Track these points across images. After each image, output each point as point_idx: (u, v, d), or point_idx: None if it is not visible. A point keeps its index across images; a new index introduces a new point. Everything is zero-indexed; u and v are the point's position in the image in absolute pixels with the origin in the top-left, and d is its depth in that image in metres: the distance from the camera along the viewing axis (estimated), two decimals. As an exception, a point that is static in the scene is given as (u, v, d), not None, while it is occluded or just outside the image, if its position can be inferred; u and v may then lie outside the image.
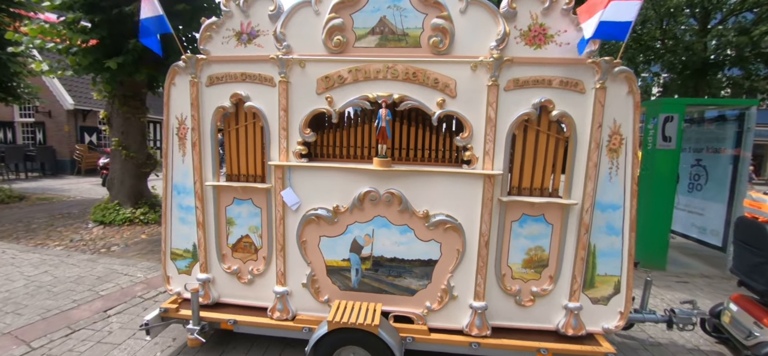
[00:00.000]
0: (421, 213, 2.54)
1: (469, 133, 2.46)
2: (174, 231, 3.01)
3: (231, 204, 2.86)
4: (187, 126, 2.82)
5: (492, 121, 2.42)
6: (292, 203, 2.63)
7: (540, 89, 2.41)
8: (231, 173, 2.89)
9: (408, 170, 2.50)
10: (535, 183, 2.58)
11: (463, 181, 2.50)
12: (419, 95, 2.48)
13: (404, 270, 2.64)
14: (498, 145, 2.46)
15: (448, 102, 2.46)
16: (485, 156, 2.46)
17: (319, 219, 2.63)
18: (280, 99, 2.60)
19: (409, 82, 2.47)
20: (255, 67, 2.65)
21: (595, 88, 2.36)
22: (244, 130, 2.81)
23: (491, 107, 2.40)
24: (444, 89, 2.45)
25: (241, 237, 2.88)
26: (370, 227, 2.61)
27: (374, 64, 2.48)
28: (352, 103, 2.54)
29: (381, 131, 2.44)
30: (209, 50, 2.71)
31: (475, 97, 2.44)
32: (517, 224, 2.57)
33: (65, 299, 3.86)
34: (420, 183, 2.53)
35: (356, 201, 2.56)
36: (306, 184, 2.65)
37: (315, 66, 2.56)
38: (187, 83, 2.75)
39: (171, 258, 3.06)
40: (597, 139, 2.40)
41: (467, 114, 2.46)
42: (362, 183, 2.57)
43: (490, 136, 2.44)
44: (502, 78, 2.40)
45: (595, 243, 2.58)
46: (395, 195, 2.52)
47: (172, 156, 2.91)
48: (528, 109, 2.41)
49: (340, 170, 2.58)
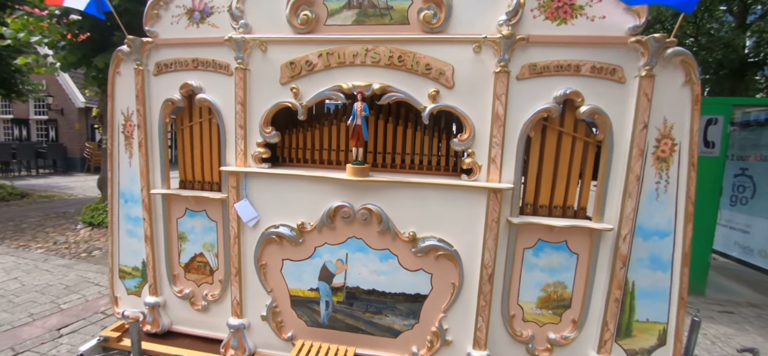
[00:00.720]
0: (406, 236, 2.00)
1: (470, 135, 1.91)
2: (122, 246, 2.57)
3: (183, 217, 2.39)
4: (133, 123, 2.37)
5: (500, 118, 1.85)
6: (248, 218, 2.13)
7: (564, 77, 1.83)
8: (185, 179, 2.43)
9: (390, 181, 1.96)
10: (556, 200, 1.99)
11: (461, 196, 1.95)
12: (406, 85, 1.94)
13: (385, 306, 2.10)
14: (508, 151, 1.90)
15: (443, 94, 1.91)
16: (490, 164, 1.90)
17: (282, 239, 2.13)
18: (237, 90, 2.11)
19: (394, 68, 1.94)
20: (208, 51, 2.18)
21: (640, 76, 1.76)
22: (199, 129, 2.33)
23: (499, 101, 1.84)
24: (438, 77, 1.90)
25: (194, 256, 2.41)
26: (343, 251, 2.09)
27: (350, 46, 1.96)
28: (323, 95, 2.02)
29: (355, 130, 1.92)
30: (157, 32, 2.25)
31: (479, 87, 1.88)
32: (531, 252, 1.99)
33: (23, 312, 3.50)
34: (405, 198, 1.99)
35: (325, 219, 2.04)
36: (266, 195, 2.15)
37: (279, 49, 2.06)
38: (132, 72, 2.30)
39: (119, 276, 2.62)
40: (640, 144, 1.81)
41: (468, 109, 1.90)
42: (333, 195, 2.04)
43: (497, 138, 1.87)
44: (514, 62, 1.83)
45: (635, 281, 1.98)
46: (373, 213, 1.99)
47: (118, 158, 2.47)
48: (548, 104, 1.84)
49: (305, 179, 2.07)
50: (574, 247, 1.97)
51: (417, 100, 1.93)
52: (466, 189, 1.92)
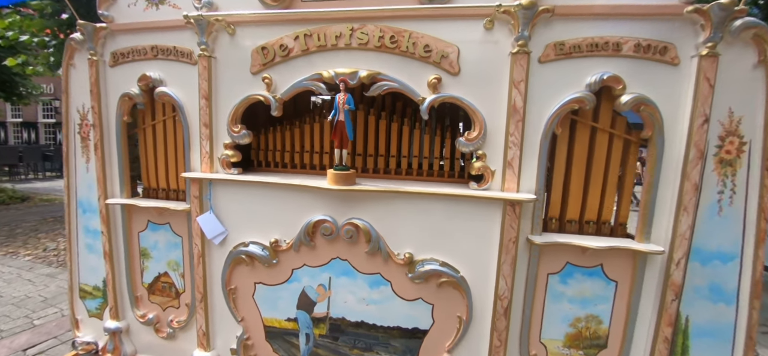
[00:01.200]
0: (401, 258, 1.63)
1: (480, 132, 1.53)
2: (81, 262, 2.26)
3: (145, 230, 2.06)
4: (89, 122, 2.06)
5: (518, 112, 1.47)
6: (213, 234, 1.79)
7: (600, 59, 1.45)
8: (148, 186, 2.10)
9: (380, 190, 1.59)
10: (589, 213, 1.60)
11: (469, 210, 1.57)
12: (401, 72, 1.57)
13: (376, 342, 1.73)
14: (528, 152, 1.51)
15: (446, 82, 1.54)
16: (506, 168, 1.52)
17: (253, 260, 1.77)
18: (201, 82, 1.77)
19: (386, 51, 1.57)
20: (169, 37, 1.85)
21: (699, 55, 1.36)
22: (162, 128, 2.01)
23: (517, 89, 1.46)
24: (440, 61, 1.53)
25: (158, 276, 2.08)
26: (326, 274, 1.73)
27: (332, 26, 1.61)
28: (301, 86, 1.67)
29: (338, 128, 1.56)
30: (112, 16, 1.94)
31: (491, 73, 1.51)
32: (557, 279, 1.60)
33: (-8, 329, 3.23)
34: (400, 212, 1.62)
35: (303, 236, 1.68)
36: (234, 207, 1.80)
37: (249, 32, 1.73)
38: (87, 63, 1.99)
39: (80, 296, 2.31)
40: (700, 144, 1.40)
41: (477, 101, 1.53)
42: (312, 208, 1.69)
43: (514, 136, 1.49)
44: (535, 41, 1.45)
45: (689, 316, 1.57)
46: (360, 229, 1.62)
47: (74, 162, 2.16)
48: (579, 93, 1.45)
49: (279, 188, 1.71)
50: (612, 273, 1.57)
51: (414, 91, 1.56)
52: (476, 200, 1.54)
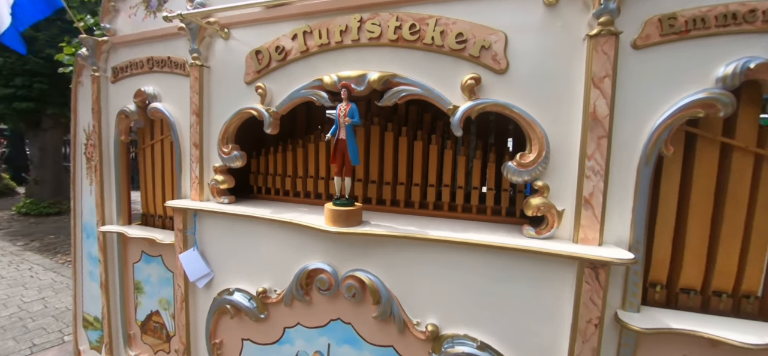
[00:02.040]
0: (421, 331, 1.16)
1: (540, 154, 1.04)
2: (85, 290, 2.12)
3: (139, 262, 1.84)
4: (93, 142, 1.92)
5: (601, 123, 0.97)
6: (196, 275, 1.48)
7: (741, 37, 0.90)
8: (146, 212, 1.90)
9: (393, 234, 1.15)
10: (720, 280, 1.02)
11: (521, 269, 1.06)
12: (424, 71, 1.16)
13: None
14: (617, 183, 1.00)
15: (487, 83, 1.09)
16: (582, 208, 1.01)
17: (238, 312, 1.43)
18: (192, 95, 1.52)
19: (404, 45, 1.17)
20: (163, 47, 1.64)
21: None
22: (160, 148, 1.80)
23: (599, 89, 0.97)
24: (479, 55, 1.09)
25: (150, 314, 1.84)
26: (324, 339, 1.32)
27: (337, 18, 1.25)
28: (299, 96, 1.32)
29: (338, 148, 1.17)
30: (114, 29, 1.79)
31: (555, 67, 1.03)
32: (668, 383, 1.02)
33: (28, 342, 3.32)
34: (421, 265, 1.16)
35: (296, 288, 1.30)
36: (220, 244, 1.49)
37: (244, 34, 1.44)
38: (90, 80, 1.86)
39: (83, 325, 2.17)
40: None
41: (534, 109, 1.05)
42: (308, 251, 1.30)
43: (595, 159, 0.98)
44: (628, 16, 0.96)
45: None
46: (366, 286, 1.19)
47: (80, 184, 2.04)
48: (705, 92, 0.91)
49: (268, 224, 1.36)
50: (770, 382, 0.96)
51: (442, 97, 1.13)
52: (533, 255, 1.04)
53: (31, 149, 9.33)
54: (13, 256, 5.79)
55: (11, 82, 8.12)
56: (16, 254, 5.93)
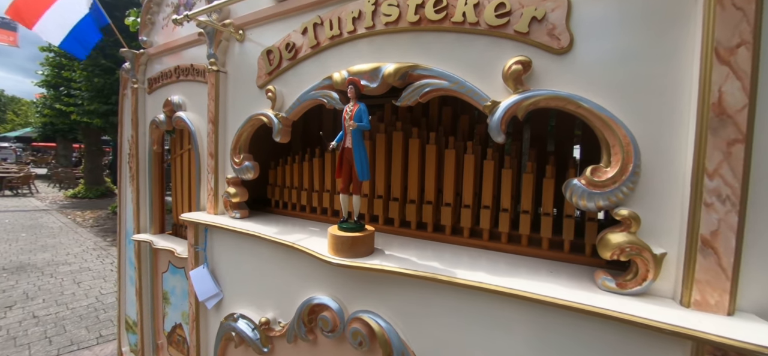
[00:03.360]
0: (447, 402, 0.88)
1: (624, 167, 0.70)
2: (127, 294, 2.20)
3: (166, 271, 1.83)
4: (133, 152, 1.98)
5: (732, 119, 0.61)
6: (205, 295, 1.37)
7: None
8: (176, 223, 1.89)
9: (410, 273, 0.88)
10: None
11: (594, 337, 0.73)
12: (452, 60, 0.89)
13: None
14: (762, 217, 0.62)
15: (541, 68, 0.78)
16: (695, 253, 0.65)
17: (242, 341, 1.27)
18: (209, 102, 1.44)
19: (428, 27, 0.92)
20: (187, 55, 1.60)
21: None
22: (187, 158, 1.77)
23: (726, 66, 0.61)
24: (528, 31, 0.79)
25: (174, 326, 1.81)
26: (330, 389, 1.09)
27: (348, 5, 1.05)
28: (309, 98, 1.14)
29: (343, 159, 0.95)
30: (151, 41, 1.82)
31: (645, 43, 0.69)
32: None
33: (96, 332, 3.67)
34: (445, 315, 0.88)
35: (298, 324, 1.10)
36: (228, 263, 1.36)
37: (257, 34, 1.32)
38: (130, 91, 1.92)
39: (125, 328, 2.25)
40: None
41: (613, 102, 0.72)
42: (311, 281, 1.09)
43: (724, 180, 0.62)
44: (785, -54, 0.59)
45: None
46: (376, 334, 0.93)
47: (125, 192, 2.12)
48: None
49: (273, 246, 1.18)
50: None
51: (477, 90, 0.84)
52: (614, 323, 0.70)
53: (124, 157, 10.84)
54: (101, 250, 6.64)
55: (109, 99, 9.48)
56: (104, 249, 6.79)
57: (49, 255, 6.17)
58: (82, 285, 4.89)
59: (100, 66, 9.19)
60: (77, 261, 5.97)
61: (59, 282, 5.02)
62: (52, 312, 4.06)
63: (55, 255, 6.15)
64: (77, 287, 4.86)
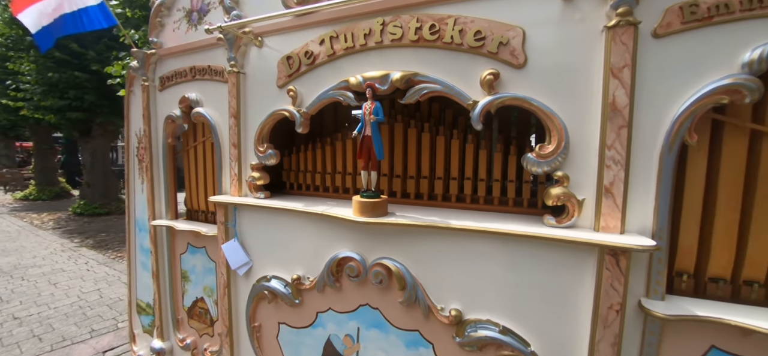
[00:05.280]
0: (445, 316, 1.22)
1: (559, 145, 1.07)
2: (139, 279, 2.35)
3: (185, 253, 2.03)
4: (144, 145, 2.13)
5: (621, 112, 0.99)
6: (237, 264, 1.63)
7: (761, 22, 0.89)
8: (191, 208, 2.08)
9: (418, 224, 1.22)
10: (751, 268, 1.00)
11: (542, 257, 1.10)
12: (444, 69, 1.21)
13: (416, 420, 1.34)
14: (639, 172, 1.01)
15: (506, 78, 1.13)
16: (603, 197, 1.03)
17: (275, 297, 1.56)
18: (230, 99, 1.66)
19: (425, 45, 1.24)
20: (204, 56, 1.80)
21: None
22: (202, 149, 1.97)
23: (618, 80, 0.98)
24: (497, 51, 1.13)
25: (195, 301, 2.02)
26: (353, 323, 1.41)
27: (361, 23, 1.34)
28: (326, 97, 1.42)
29: (364, 144, 1.26)
30: (161, 42, 1.98)
31: (574, 60, 1.06)
32: (695, 370, 1.03)
33: (87, 328, 3.69)
34: (444, 253, 1.22)
35: (327, 275, 1.40)
36: (258, 235, 1.62)
37: (276, 42, 1.56)
38: (141, 89, 2.07)
39: (136, 311, 2.40)
40: None
41: (553, 101, 1.08)
42: (338, 241, 1.40)
43: (616, 149, 1.00)
44: (646, 6, 0.97)
45: None
46: (393, 273, 1.27)
47: (133, 183, 2.27)
48: (728, 78, 0.91)
49: (300, 216, 1.47)
50: (805, 373, 0.94)
51: (461, 93, 1.18)
52: (554, 243, 1.08)
53: (84, 155, 10.20)
54: (71, 252, 6.40)
55: (66, 94, 8.89)
56: (74, 250, 6.54)
57: (13, 259, 5.87)
58: (60, 286, 4.79)
59: (54, 59, 8.56)
60: (47, 264, 5.75)
61: (33, 284, 4.87)
62: (34, 313, 4.00)
63: (21, 259, 5.86)
64: (55, 288, 4.75)
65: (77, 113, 8.83)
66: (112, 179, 10.90)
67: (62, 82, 8.79)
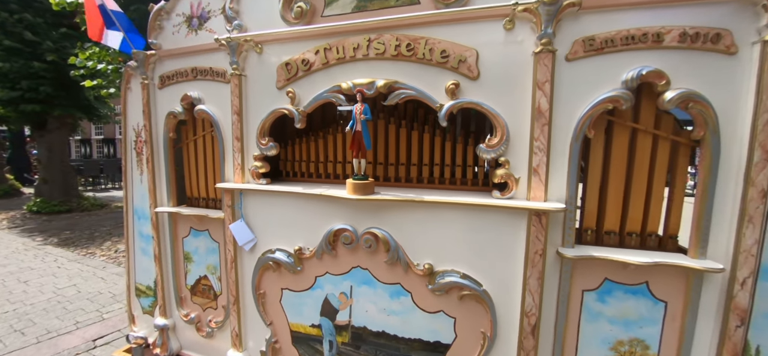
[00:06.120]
0: (420, 269, 1.59)
1: (502, 138, 1.45)
2: (137, 264, 2.52)
3: (188, 236, 2.24)
4: (143, 139, 2.30)
5: (544, 114, 1.38)
6: (244, 241, 1.89)
7: (638, 52, 1.31)
8: (190, 196, 2.29)
9: (398, 199, 1.57)
10: (631, 223, 1.44)
11: (490, 220, 1.49)
12: (417, 79, 1.55)
13: (398, 353, 1.70)
14: (556, 157, 1.41)
15: (464, 87, 1.49)
16: (532, 176, 1.42)
17: (279, 267, 1.85)
18: (232, 98, 1.90)
19: (402, 59, 1.57)
20: (205, 59, 2.01)
21: (762, 40, 1.18)
22: (202, 142, 2.18)
23: (542, 91, 1.37)
24: (458, 66, 1.49)
25: (198, 279, 2.25)
26: (347, 283, 1.74)
27: (350, 38, 1.64)
28: (321, 98, 1.72)
29: (355, 138, 1.57)
30: (160, 43, 2.16)
31: (513, 75, 1.43)
32: (594, 297, 1.46)
33: (71, 320, 3.72)
34: (418, 221, 1.58)
35: (325, 244, 1.72)
36: (262, 215, 1.90)
37: (275, 50, 1.82)
38: (140, 86, 2.23)
39: (136, 294, 2.57)
40: (766, 143, 1.20)
41: (498, 105, 1.46)
42: (332, 216, 1.72)
43: (540, 141, 1.40)
44: (561, 38, 1.36)
45: (761, 346, 1.34)
46: (379, 239, 1.61)
47: (131, 174, 2.43)
48: (613, 91, 1.32)
49: (301, 197, 1.77)
50: (660, 292, 1.40)
51: (431, 97, 1.53)
52: (499, 210, 1.46)
53: (39, 150, 9.57)
54: (36, 250, 6.15)
55: (18, 85, 8.31)
56: (38, 248, 6.28)
57: (-30, 259, 5.58)
58: (32, 283, 4.69)
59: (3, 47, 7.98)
60: (12, 263, 5.54)
61: (0, 283, 4.72)
62: (10, 310, 3.95)
63: (-21, 259, 5.58)
64: (25, 285, 4.65)
65: (32, 105, 8.30)
66: (71, 175, 10.32)
67: (13, 72, 8.21)
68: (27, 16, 7.82)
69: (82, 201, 9.96)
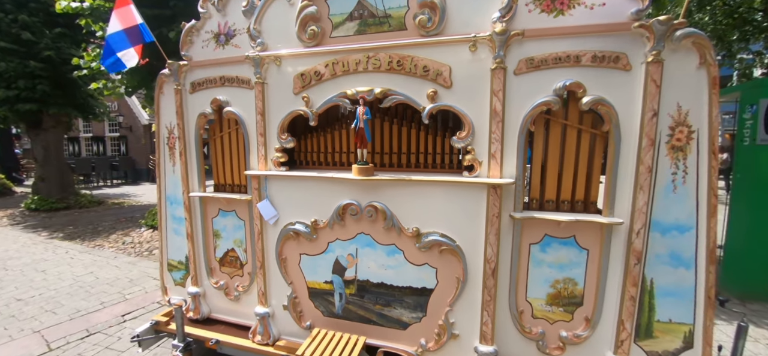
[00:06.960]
0: (410, 232, 2.09)
1: (469, 132, 1.95)
2: (169, 242, 2.95)
3: (217, 216, 2.69)
4: (175, 135, 2.73)
5: (498, 114, 1.88)
6: (269, 216, 2.36)
7: (564, 69, 1.81)
8: (217, 183, 2.73)
9: (393, 179, 2.07)
10: (563, 194, 1.96)
11: (461, 193, 2.00)
12: (406, 87, 2.04)
13: (393, 299, 2.20)
14: (508, 146, 1.91)
15: (441, 93, 1.98)
16: (490, 160, 1.93)
17: (298, 236, 2.32)
18: (256, 102, 2.35)
19: (394, 72, 2.05)
20: (232, 69, 2.45)
21: (647, 62, 1.70)
22: (228, 138, 2.62)
23: (497, 97, 1.87)
24: (436, 78, 1.97)
25: (226, 251, 2.70)
26: (353, 246, 2.23)
27: (353, 55, 2.11)
28: (330, 102, 2.18)
29: (359, 133, 2.05)
30: (191, 55, 2.58)
31: (476, 85, 1.93)
32: (537, 248, 1.98)
33: (96, 301, 4.10)
34: (408, 195, 2.08)
35: (336, 216, 2.20)
36: (283, 195, 2.36)
37: (291, 63, 2.27)
38: (173, 91, 2.65)
39: (167, 269, 3.00)
40: (650, 134, 1.73)
41: (466, 107, 1.95)
42: (341, 194, 2.20)
43: (496, 134, 1.90)
44: (510, 58, 1.85)
45: (654, 278, 1.88)
46: (378, 210, 2.11)
47: (164, 166, 2.85)
48: (547, 97, 1.83)
49: (317, 180, 2.25)
50: (584, 242, 1.93)
51: (416, 101, 2.01)
52: (467, 185, 1.97)
53: (35, 148, 9.70)
54: (45, 244, 6.43)
55: (14, 84, 8.45)
56: (46, 242, 6.56)
57: (-16, 253, 5.86)
58: (49, 273, 5.03)
59: (-1, 47, 8.10)
60: (25, 256, 5.84)
61: (20, 272, 5.05)
62: (36, 294, 4.30)
63: (-7, 253, 5.86)
64: (44, 274, 4.98)
65: (29, 105, 8.46)
66: (67, 173, 10.47)
67: (9, 72, 8.36)
68: (23, 17, 7.96)
69: (79, 199, 10.14)
